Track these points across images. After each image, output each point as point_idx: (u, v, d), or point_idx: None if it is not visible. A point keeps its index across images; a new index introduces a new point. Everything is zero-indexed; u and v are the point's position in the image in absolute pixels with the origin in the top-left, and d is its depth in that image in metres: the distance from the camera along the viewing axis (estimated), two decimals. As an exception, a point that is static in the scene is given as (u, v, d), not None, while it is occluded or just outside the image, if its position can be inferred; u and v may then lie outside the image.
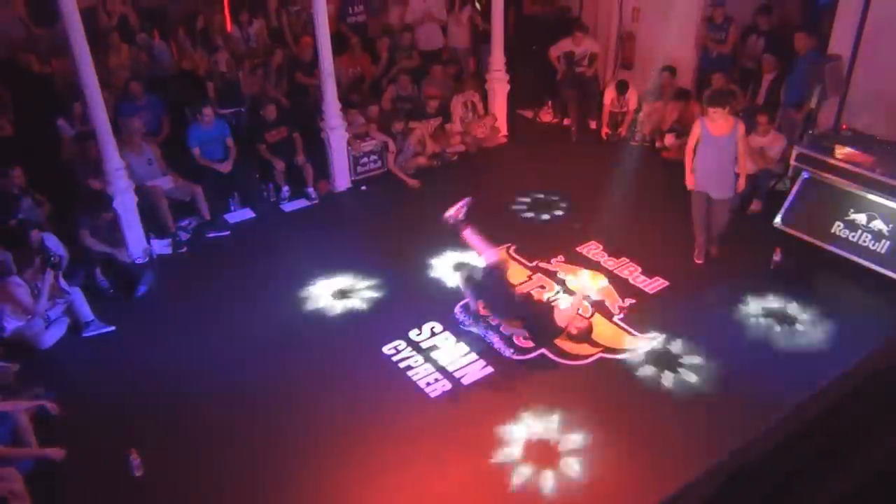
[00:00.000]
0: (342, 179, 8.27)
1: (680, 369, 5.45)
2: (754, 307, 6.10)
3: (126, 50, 8.65)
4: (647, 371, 5.44)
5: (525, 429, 4.97)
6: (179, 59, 9.02)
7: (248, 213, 7.82)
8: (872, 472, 4.92)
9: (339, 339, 5.91)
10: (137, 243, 6.92)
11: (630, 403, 5.19)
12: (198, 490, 4.62)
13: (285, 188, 8.02)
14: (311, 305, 6.31)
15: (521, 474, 4.64)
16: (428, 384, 5.39)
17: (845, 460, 4.97)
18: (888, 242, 6.35)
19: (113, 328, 6.05)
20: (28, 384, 5.25)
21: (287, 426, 5.07)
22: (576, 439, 4.88)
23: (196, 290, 6.60)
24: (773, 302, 6.15)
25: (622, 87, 9.09)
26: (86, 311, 6.02)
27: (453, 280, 6.40)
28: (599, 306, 6.17)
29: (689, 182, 6.48)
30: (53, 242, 6.26)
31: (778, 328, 5.86)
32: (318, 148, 8.18)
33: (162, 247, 7.14)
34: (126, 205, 6.74)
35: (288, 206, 7.96)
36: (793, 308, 6.08)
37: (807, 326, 5.88)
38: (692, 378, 5.37)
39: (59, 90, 8.21)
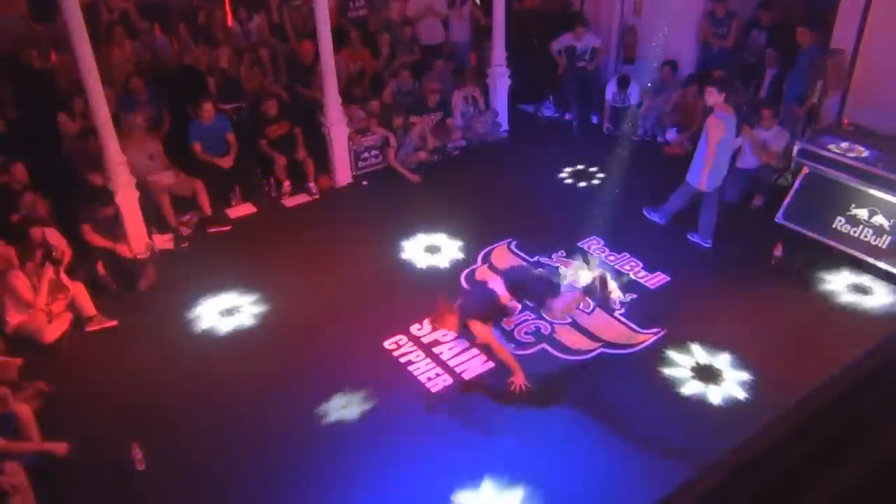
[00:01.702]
0: (343, 174, 8.27)
1: (681, 366, 5.47)
2: (756, 303, 6.09)
3: (129, 45, 8.64)
4: (648, 367, 5.46)
5: (528, 423, 4.99)
6: (181, 54, 9.01)
7: (249, 208, 7.83)
8: (874, 468, 4.93)
9: (341, 333, 5.92)
10: (139, 238, 6.94)
11: (630, 400, 5.20)
12: (200, 483, 4.64)
13: (286, 183, 8.03)
14: (311, 300, 6.31)
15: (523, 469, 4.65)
16: (429, 379, 5.40)
17: (847, 456, 4.98)
18: (889, 237, 6.34)
19: (115, 323, 6.07)
20: (31, 379, 5.27)
21: (288, 419, 5.09)
22: (578, 436, 4.90)
23: (197, 285, 6.60)
24: (775, 299, 6.14)
25: (624, 82, 9.08)
26: (88, 305, 6.05)
27: (453, 273, 6.41)
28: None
29: None
30: (55, 237, 6.27)
31: (780, 325, 5.86)
32: (318, 143, 8.18)
33: (163, 242, 7.15)
34: (128, 200, 6.75)
35: (289, 201, 7.96)
36: (795, 305, 6.08)
37: (808, 321, 5.88)
38: (689, 372, 5.39)
39: (61, 85, 8.20)
